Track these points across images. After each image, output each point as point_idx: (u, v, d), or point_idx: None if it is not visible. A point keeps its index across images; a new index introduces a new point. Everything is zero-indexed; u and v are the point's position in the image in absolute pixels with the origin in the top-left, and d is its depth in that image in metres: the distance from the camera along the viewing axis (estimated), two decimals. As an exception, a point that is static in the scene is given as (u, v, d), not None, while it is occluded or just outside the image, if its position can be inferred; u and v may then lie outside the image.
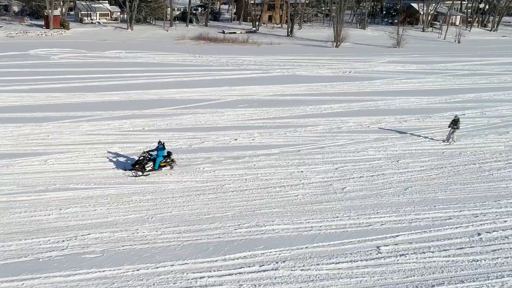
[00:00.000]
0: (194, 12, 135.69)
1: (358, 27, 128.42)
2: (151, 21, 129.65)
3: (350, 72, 67.19)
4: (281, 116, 42.23)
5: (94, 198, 24.73)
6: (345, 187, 26.64)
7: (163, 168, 28.41)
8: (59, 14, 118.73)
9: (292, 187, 26.59)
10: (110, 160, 30.21)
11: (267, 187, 26.26)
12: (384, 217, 23.00)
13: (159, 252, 19.46)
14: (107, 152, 31.91)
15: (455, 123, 33.70)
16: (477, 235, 21.40)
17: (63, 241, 20.41)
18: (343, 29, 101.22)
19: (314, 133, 36.94)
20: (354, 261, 19.16)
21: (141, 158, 28.13)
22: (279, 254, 19.47)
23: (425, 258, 19.43)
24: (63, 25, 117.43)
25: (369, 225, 22.18)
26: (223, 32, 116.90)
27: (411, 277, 18.21)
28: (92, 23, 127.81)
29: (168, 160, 28.86)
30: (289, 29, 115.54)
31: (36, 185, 26.26)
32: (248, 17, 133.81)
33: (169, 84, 55.52)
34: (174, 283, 17.31)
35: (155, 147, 29.03)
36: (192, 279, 17.63)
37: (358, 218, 22.87)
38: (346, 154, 31.82)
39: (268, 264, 18.65)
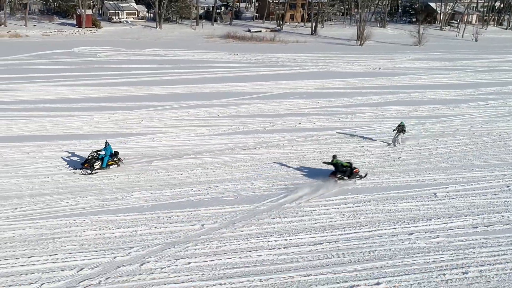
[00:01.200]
0: (218, 11, 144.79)
1: (378, 25, 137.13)
2: (177, 20, 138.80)
3: (379, 68, 76.21)
4: (331, 106, 51.19)
5: (208, 164, 33.81)
6: (400, 157, 35.71)
7: (110, 167, 31.35)
8: (91, 13, 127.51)
9: (358, 157, 35.70)
10: (204, 137, 39.23)
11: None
12: (434, 176, 32.06)
13: (276, 195, 28.51)
14: (197, 133, 41.00)
15: (401, 129, 36.73)
16: (506, 187, 30.45)
17: (203, 190, 29.56)
18: (366, 28, 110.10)
19: (363, 119, 45.94)
20: (419, 201, 28.19)
21: (89, 157, 30.75)
22: (364, 197, 28.64)
23: (469, 200, 28.44)
24: (95, 24, 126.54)
25: (425, 181, 31.27)
26: (249, 31, 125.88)
27: (461, 210, 27.32)
28: (120, 22, 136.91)
29: (115, 159, 31.71)
30: (313, 28, 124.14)
31: (156, 155, 35.36)
32: (270, 16, 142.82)
33: (219, 79, 64.56)
34: (296, 212, 26.36)
35: (103, 147, 31.96)
36: (308, 210, 26.74)
37: (415, 176, 31.94)
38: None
39: (359, 203, 27.79)
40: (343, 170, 29.03)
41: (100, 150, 31.11)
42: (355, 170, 30.40)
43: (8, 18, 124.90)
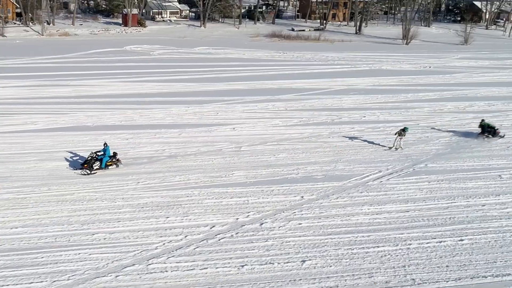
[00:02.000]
0: (260, 10, 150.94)
1: (422, 24, 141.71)
2: (219, 19, 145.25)
3: (429, 67, 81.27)
4: (389, 101, 56.55)
5: (291, 150, 39.44)
6: (464, 146, 41.14)
7: (109, 167, 33.21)
8: (137, 12, 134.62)
9: (425, 145, 41.13)
10: (280, 128, 44.90)
11: (405, 144, 40.73)
12: (498, 161, 37.23)
13: (358, 175, 34.03)
14: (272, 124, 46.80)
15: (402, 132, 38.53)
16: None
17: (293, 170, 35.25)
18: (411, 27, 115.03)
19: (423, 113, 51.19)
20: (486, 181, 33.36)
21: (89, 158, 32.64)
22: (437, 177, 34.10)
23: (532, 181, 33.83)
24: (140, 23, 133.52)
25: (490, 165, 36.45)
26: (293, 30, 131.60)
27: (526, 190, 32.64)
28: (163, 20, 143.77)
29: (114, 159, 33.54)
30: (357, 27, 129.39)
31: (242, 142, 41.15)
32: (312, 15, 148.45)
33: (277, 76, 70.30)
34: (380, 188, 31.92)
35: (102, 149, 33.83)
36: (389, 186, 32.27)
37: (480, 161, 37.10)
38: (456, 127, 45.99)
39: (433, 182, 33.19)
40: (488, 130, 40.12)
41: (99, 151, 32.98)
42: (497, 130, 41.26)
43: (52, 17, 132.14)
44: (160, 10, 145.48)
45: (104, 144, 33.59)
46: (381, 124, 45.74)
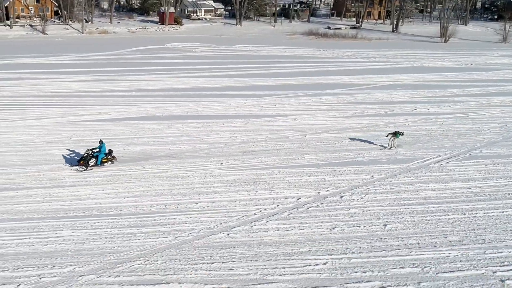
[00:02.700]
0: (295, 8, 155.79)
1: (459, 23, 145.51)
2: (254, 18, 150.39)
3: (471, 64, 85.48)
4: (437, 96, 60.98)
5: (353, 137, 44.34)
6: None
7: (105, 164, 34.82)
8: (174, 11, 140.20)
9: (476, 134, 45.63)
10: (337, 119, 49.50)
11: (458, 133, 45.20)
12: None
13: (419, 158, 38.50)
14: (329, 115, 51.56)
15: (395, 134, 40.31)
16: None
17: (359, 154, 39.79)
18: (449, 25, 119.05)
19: (471, 106, 55.49)
20: None
21: (85, 155, 33.88)
22: (493, 161, 38.63)
23: None
24: (177, 21, 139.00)
25: None
26: (329, 28, 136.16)
27: None
28: (199, 19, 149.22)
29: (109, 156, 34.93)
30: (394, 25, 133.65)
31: (305, 130, 45.90)
32: (346, 14, 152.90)
33: (322, 72, 75.06)
34: (441, 169, 36.51)
35: (97, 146, 35.23)
36: (449, 168, 36.83)
37: None
38: (504, 119, 50.08)
39: (489, 165, 37.54)
40: None
41: (95, 148, 34.54)
42: None
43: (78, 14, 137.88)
44: (195, 9, 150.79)
45: (100, 142, 34.93)
46: (433, 116, 50.20)
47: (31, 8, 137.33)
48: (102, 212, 28.19)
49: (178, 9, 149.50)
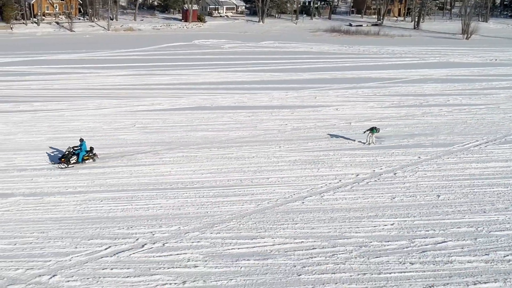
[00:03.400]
0: (316, 5, 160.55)
1: (480, 20, 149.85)
2: (275, 15, 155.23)
3: (495, 59, 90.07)
4: (467, 88, 65.58)
5: (394, 125, 48.19)
6: None
7: (86, 161, 35.80)
8: (197, 8, 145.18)
9: (510, 122, 50.37)
10: (376, 109, 54.05)
11: (492, 122, 49.81)
12: None
13: (459, 143, 43.08)
14: (368, 106, 56.35)
15: (375, 130, 41.74)
16: None
17: (403, 139, 44.50)
18: (471, 22, 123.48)
19: (500, 98, 59.89)
20: None
21: (66, 152, 35.04)
22: None
23: None
24: (200, 19, 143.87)
25: None
26: (350, 25, 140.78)
27: None
28: (220, 16, 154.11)
29: (91, 154, 36.02)
30: (416, 22, 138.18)
31: (349, 119, 50.66)
32: (367, 11, 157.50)
33: (352, 67, 79.61)
34: (481, 152, 41.20)
35: (78, 144, 36.30)
36: (488, 151, 41.56)
37: None
38: None
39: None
40: None
41: (76, 147, 35.62)
42: None
43: (105, 13, 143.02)
44: (216, 6, 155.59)
45: (80, 140, 36.22)
46: (465, 106, 54.87)
47: (56, 6, 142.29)
48: (187, 185, 33.04)
49: (200, 7, 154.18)
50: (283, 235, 26.26)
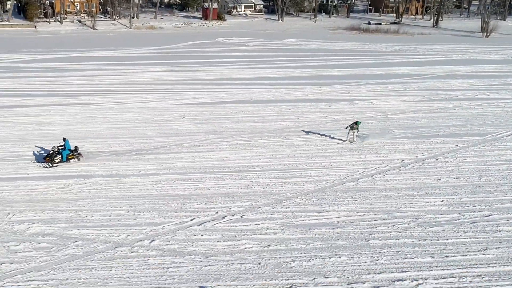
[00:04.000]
0: (334, 4, 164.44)
1: (498, 18, 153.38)
2: (293, 13, 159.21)
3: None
4: (493, 84, 69.31)
5: (428, 117, 51.97)
6: None
7: (70, 160, 36.28)
8: (217, 6, 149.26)
9: None
10: (409, 102, 57.74)
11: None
12: None
13: (492, 132, 46.75)
14: (401, 100, 60.28)
15: (356, 127, 42.36)
16: None
17: (439, 129, 48.50)
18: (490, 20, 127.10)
19: (530, 92, 64.00)
20: None
21: (51, 152, 35.51)
22: None
23: None
24: (220, 17, 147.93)
25: None
26: (369, 23, 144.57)
27: None
28: (239, 14, 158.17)
29: (75, 153, 36.32)
30: (435, 20, 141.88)
31: (385, 112, 54.44)
32: (385, 9, 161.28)
33: (378, 64, 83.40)
34: (506, 139, 45.09)
35: (62, 144, 36.75)
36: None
37: None
38: None
39: None
40: None
41: (60, 146, 36.11)
42: None
43: (125, 11, 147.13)
44: (235, 4, 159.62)
45: (63, 139, 36.85)
46: (494, 100, 58.67)
47: (77, 5, 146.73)
48: (248, 169, 37.02)
49: (218, 5, 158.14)
50: (346, 210, 30.19)
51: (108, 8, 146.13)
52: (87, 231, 27.05)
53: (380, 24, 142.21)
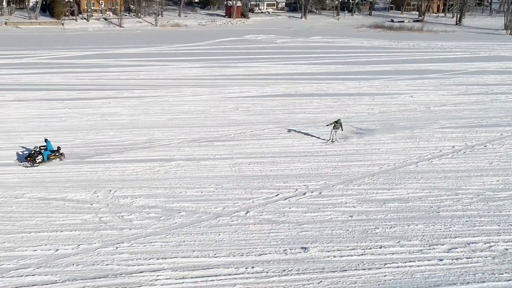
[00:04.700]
0: (356, 2, 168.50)
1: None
2: (315, 11, 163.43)
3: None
4: (524, 79, 73.55)
5: (470, 109, 55.86)
6: None
7: (52, 160, 36.46)
8: (241, 4, 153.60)
9: None
10: (448, 96, 61.66)
11: None
12: None
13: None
14: (439, 93, 64.46)
15: (337, 126, 43.22)
16: None
17: (482, 120, 52.83)
18: None
19: (560, 87, 68.06)
20: None
21: (32, 152, 35.68)
22: None
23: None
24: (243, 15, 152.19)
25: None
26: (392, 21, 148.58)
27: None
28: (262, 12, 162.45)
29: (57, 153, 36.63)
30: (458, 18, 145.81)
31: (427, 104, 58.74)
32: (406, 7, 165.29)
33: (409, 60, 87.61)
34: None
35: (44, 144, 36.98)
36: None
37: None
38: None
39: None
40: None
41: (42, 146, 36.40)
42: None
43: (149, 9, 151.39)
44: (257, 2, 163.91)
45: (45, 140, 37.27)
46: (527, 95, 62.70)
47: (102, 3, 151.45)
48: (313, 154, 41.22)
49: (241, 3, 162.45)
50: (412, 187, 34.41)
51: (132, 6, 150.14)
52: (187, 204, 31.23)
53: (403, 22, 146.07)
